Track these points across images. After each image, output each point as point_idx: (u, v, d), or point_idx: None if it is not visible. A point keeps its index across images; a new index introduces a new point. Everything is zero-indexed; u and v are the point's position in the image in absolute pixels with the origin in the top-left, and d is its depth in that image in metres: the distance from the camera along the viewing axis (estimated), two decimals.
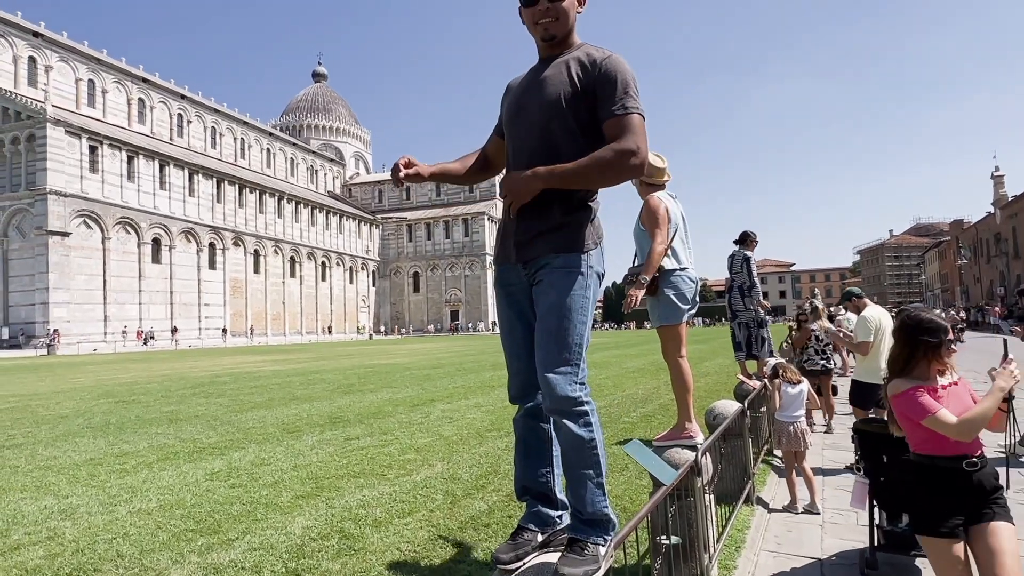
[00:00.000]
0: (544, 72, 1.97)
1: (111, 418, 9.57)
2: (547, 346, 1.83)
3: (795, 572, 3.58)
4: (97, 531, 4.19)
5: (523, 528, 1.90)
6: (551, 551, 1.85)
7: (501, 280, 2.04)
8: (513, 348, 2.00)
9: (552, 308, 1.85)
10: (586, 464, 1.83)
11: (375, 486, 5.20)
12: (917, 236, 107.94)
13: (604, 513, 1.84)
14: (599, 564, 1.70)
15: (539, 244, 1.88)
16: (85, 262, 48.12)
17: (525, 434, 2.01)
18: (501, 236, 2.04)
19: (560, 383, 1.79)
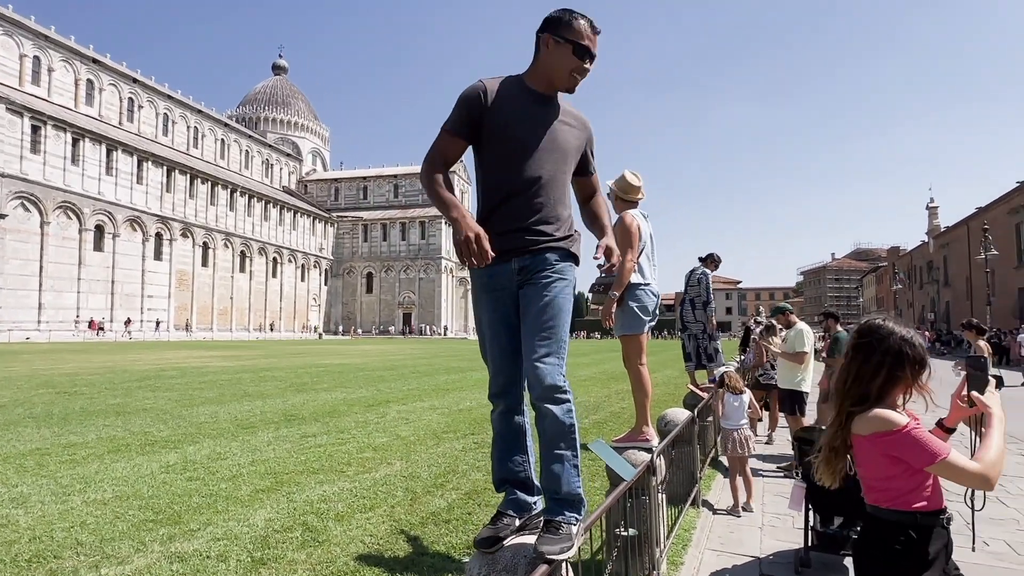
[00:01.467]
0: (554, 114, 2.22)
1: (54, 409, 9.29)
2: (539, 340, 2.04)
3: (736, 569, 3.84)
4: (53, 520, 4.16)
5: (502, 514, 2.06)
6: (528, 534, 2.02)
7: (490, 284, 2.18)
8: (496, 350, 2.18)
9: (546, 307, 2.07)
10: (566, 446, 2.03)
11: (335, 482, 5.27)
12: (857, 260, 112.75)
13: (577, 493, 2.04)
14: (572, 542, 1.89)
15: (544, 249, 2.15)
16: (21, 246, 45.97)
17: (504, 428, 2.19)
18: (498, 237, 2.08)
19: (549, 372, 2.00)
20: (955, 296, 53.56)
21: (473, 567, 1.90)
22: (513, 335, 2.13)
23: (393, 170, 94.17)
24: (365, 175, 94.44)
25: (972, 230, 46.54)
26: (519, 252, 2.12)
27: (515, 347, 2.12)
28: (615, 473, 2.82)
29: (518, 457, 2.16)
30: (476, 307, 2.26)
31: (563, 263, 2.13)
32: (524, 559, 1.84)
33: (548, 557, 1.77)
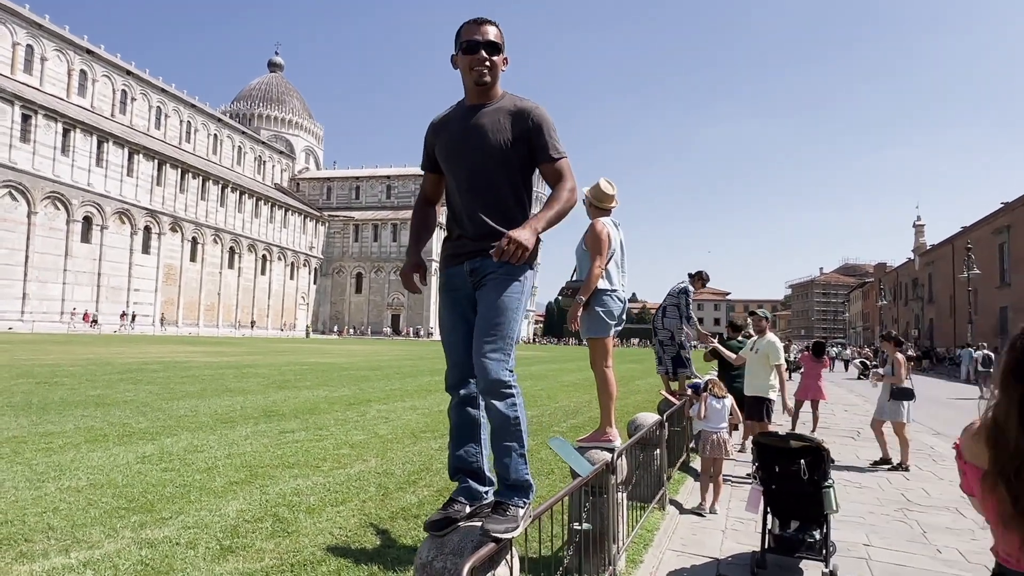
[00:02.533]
0: (478, 119, 2.30)
1: (32, 398, 9.29)
2: (485, 336, 2.15)
3: (694, 568, 3.95)
4: (26, 505, 4.21)
5: (454, 500, 2.16)
6: (477, 520, 2.12)
7: (448, 284, 2.34)
8: (453, 343, 2.30)
9: (492, 306, 2.17)
10: (511, 438, 2.14)
11: (309, 476, 5.34)
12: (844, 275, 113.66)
13: (525, 479, 2.16)
14: (518, 523, 2.01)
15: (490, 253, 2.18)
16: (7, 235, 45.50)
17: (458, 419, 2.29)
18: (450, 243, 2.36)
19: (493, 367, 2.11)
20: (939, 313, 54.18)
21: (423, 551, 1.99)
22: (467, 332, 2.25)
23: (386, 171, 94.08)
24: (358, 175, 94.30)
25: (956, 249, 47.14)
26: (469, 255, 2.24)
27: (469, 345, 2.23)
28: (574, 470, 2.93)
29: (471, 447, 2.27)
30: (439, 304, 2.38)
31: (510, 265, 2.18)
32: (471, 543, 1.94)
33: (494, 535, 1.88)
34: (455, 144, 2.31)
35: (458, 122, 2.34)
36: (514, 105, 2.31)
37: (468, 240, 2.24)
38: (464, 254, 2.26)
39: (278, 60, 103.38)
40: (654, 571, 3.80)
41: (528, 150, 2.29)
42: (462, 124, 2.32)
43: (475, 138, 2.27)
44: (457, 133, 2.32)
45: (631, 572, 3.68)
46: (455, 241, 2.32)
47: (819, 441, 3.91)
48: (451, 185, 2.37)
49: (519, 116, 2.28)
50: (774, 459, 3.87)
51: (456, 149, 2.31)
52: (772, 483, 3.87)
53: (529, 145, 2.28)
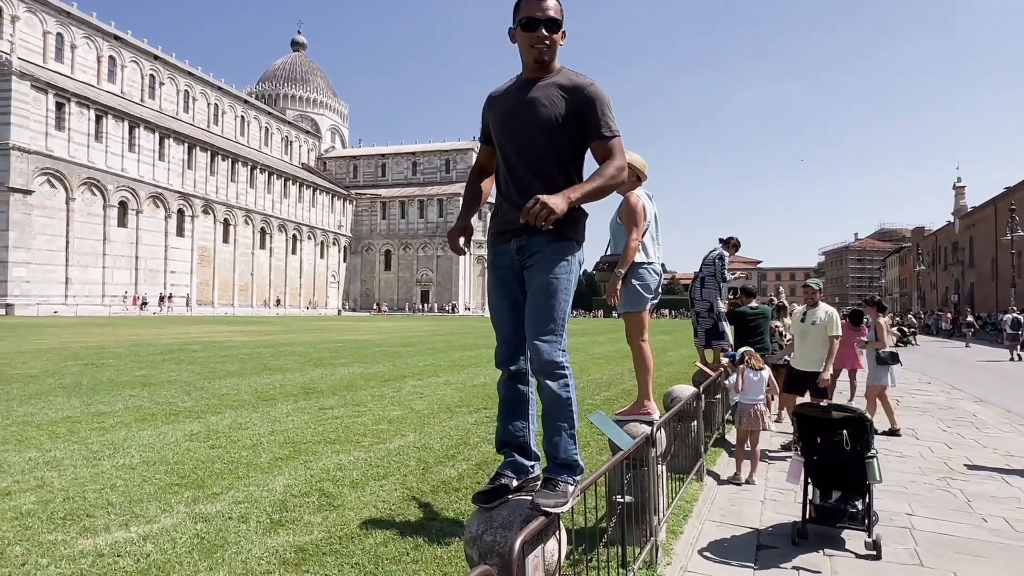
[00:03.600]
0: (532, 93, 2.27)
1: (82, 379, 9.63)
2: (536, 319, 2.17)
3: (734, 539, 3.97)
4: (84, 482, 4.40)
5: (501, 474, 2.21)
6: (524, 494, 2.16)
7: (495, 262, 2.36)
8: (501, 320, 2.33)
9: (543, 288, 2.18)
10: (562, 417, 2.18)
11: (350, 452, 5.47)
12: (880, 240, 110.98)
13: (574, 458, 2.19)
14: (567, 499, 2.05)
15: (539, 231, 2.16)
16: (48, 222, 46.84)
17: (507, 395, 2.32)
18: (497, 222, 2.36)
19: (547, 350, 2.13)
20: (980, 278, 52.65)
21: (472, 524, 2.03)
22: (516, 309, 2.28)
23: (411, 147, 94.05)
24: (383, 152, 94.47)
25: (1000, 210, 45.56)
26: (516, 233, 2.24)
27: (518, 320, 2.26)
28: (615, 444, 2.95)
29: (519, 423, 2.30)
30: (487, 282, 2.41)
31: (560, 243, 2.20)
32: (519, 517, 1.97)
33: (544, 509, 1.92)
34: (506, 117, 2.30)
35: (512, 95, 2.32)
36: (569, 80, 2.26)
37: (514, 217, 2.23)
38: (511, 231, 2.26)
39: (301, 39, 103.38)
40: (694, 541, 3.83)
41: (580, 127, 2.24)
42: (515, 97, 2.30)
43: (526, 112, 2.24)
44: (509, 106, 2.30)
45: (671, 543, 3.71)
46: (502, 218, 2.32)
47: (861, 411, 3.86)
48: (501, 159, 2.36)
49: (573, 91, 2.23)
50: (816, 430, 3.84)
51: (507, 122, 2.30)
52: (813, 454, 3.85)
53: (581, 122, 2.23)
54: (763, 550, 3.81)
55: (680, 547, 3.70)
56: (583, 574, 2.82)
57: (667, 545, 3.63)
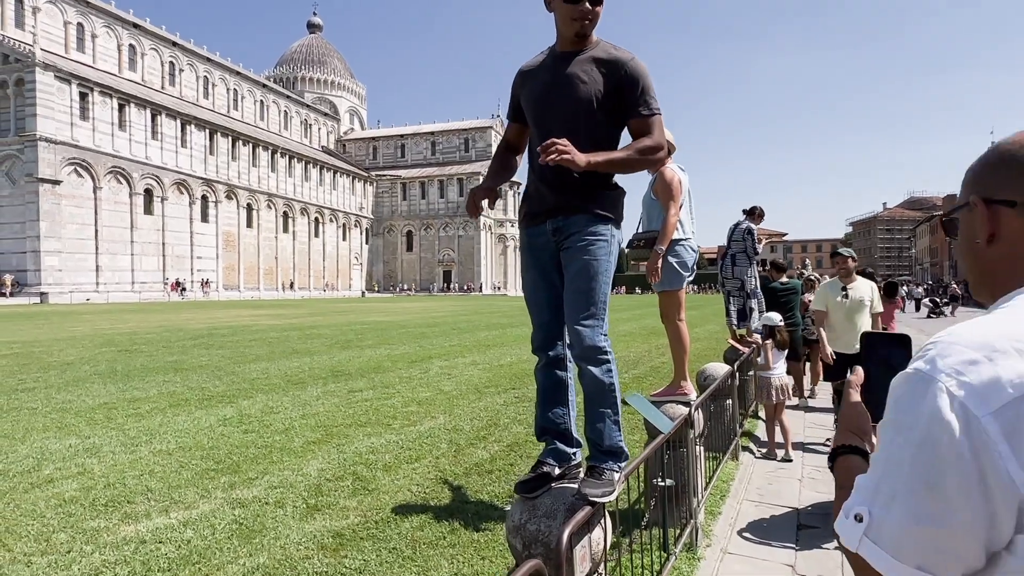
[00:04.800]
0: (569, 68, 2.16)
1: (117, 366, 9.81)
2: (577, 303, 2.10)
3: (773, 519, 3.90)
4: (124, 468, 4.47)
5: (542, 462, 2.16)
6: (567, 482, 2.12)
7: (530, 244, 2.27)
8: (538, 304, 2.25)
9: (582, 270, 2.10)
10: (606, 404, 2.12)
11: (381, 435, 5.48)
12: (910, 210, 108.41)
13: (619, 445, 2.14)
14: (614, 487, 2.01)
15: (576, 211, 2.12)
16: (76, 211, 47.70)
17: (545, 381, 2.27)
18: (530, 203, 2.27)
19: (588, 334, 2.06)
20: None
21: (515, 513, 1.99)
22: (553, 293, 2.20)
23: (430, 127, 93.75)
24: (402, 133, 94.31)
25: None
26: (552, 214, 2.16)
27: (556, 304, 2.19)
28: (653, 426, 2.89)
29: (559, 409, 2.24)
30: (521, 264, 2.33)
31: (598, 223, 2.12)
32: (563, 505, 1.93)
33: (591, 499, 1.87)
34: (541, 93, 2.19)
35: (547, 70, 2.21)
36: (608, 54, 2.14)
37: (550, 197, 2.15)
38: (546, 212, 2.18)
39: (317, 20, 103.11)
40: (733, 522, 3.77)
41: (619, 104, 2.13)
42: (551, 72, 2.19)
43: (563, 88, 2.14)
44: (544, 82, 2.19)
45: (710, 524, 3.66)
46: (537, 199, 2.23)
47: None
48: (535, 138, 2.25)
49: (613, 66, 2.12)
50: None
51: (542, 99, 2.19)
52: None
53: (621, 98, 2.12)
54: (804, 530, 3.74)
55: (719, 528, 3.64)
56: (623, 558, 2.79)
57: (706, 526, 3.57)
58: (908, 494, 0.67)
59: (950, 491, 0.64)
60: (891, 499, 0.68)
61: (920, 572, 0.65)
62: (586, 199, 2.12)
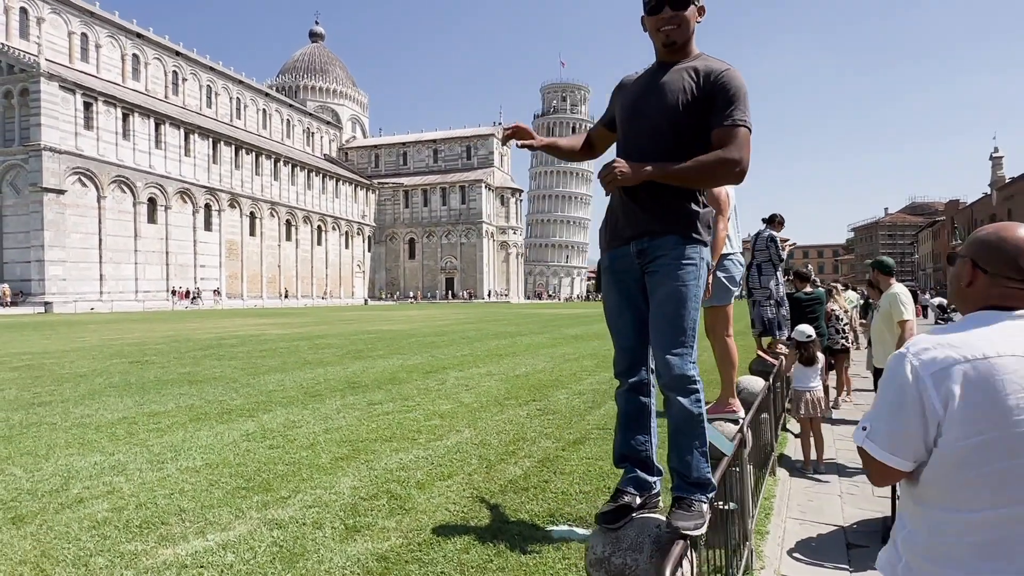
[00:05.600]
0: (663, 78, 2.10)
1: (130, 378, 9.74)
2: (666, 330, 2.02)
3: (821, 538, 3.82)
4: (153, 487, 4.39)
5: (622, 491, 2.09)
6: (647, 512, 2.05)
7: (612, 267, 2.19)
8: (621, 330, 2.17)
9: (670, 296, 2.03)
10: (694, 435, 2.05)
11: (409, 450, 5.40)
12: (912, 215, 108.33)
13: (707, 477, 2.07)
14: (704, 519, 1.95)
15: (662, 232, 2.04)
16: (80, 220, 47.76)
17: (627, 406, 2.19)
18: (613, 223, 2.20)
19: (678, 363, 1.99)
20: None
21: (596, 545, 1.92)
22: (637, 316, 2.13)
23: (432, 135, 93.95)
24: (404, 141, 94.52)
25: None
26: (637, 236, 2.09)
27: (639, 330, 2.12)
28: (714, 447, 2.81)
29: (641, 436, 2.17)
30: (603, 288, 2.25)
31: (686, 246, 2.05)
32: (649, 538, 1.86)
33: (684, 532, 1.80)
34: (633, 102, 2.14)
35: (642, 81, 2.16)
36: (704, 65, 2.07)
37: (634, 218, 2.07)
38: (630, 236, 2.11)
39: (319, 29, 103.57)
40: (781, 542, 3.70)
41: (707, 113, 2.04)
42: (644, 83, 2.14)
43: (652, 98, 2.08)
44: (637, 90, 2.14)
45: (759, 544, 3.58)
46: (621, 218, 2.15)
47: None
48: (622, 149, 2.18)
49: (705, 77, 2.04)
50: None
51: (633, 108, 2.13)
52: None
53: (709, 107, 2.03)
54: (854, 549, 3.66)
55: (769, 548, 3.56)
56: None
57: (756, 547, 3.49)
58: (888, 414, 1.26)
59: (907, 413, 1.21)
60: (878, 418, 1.28)
61: (891, 455, 1.24)
62: (673, 219, 2.04)
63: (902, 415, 1.21)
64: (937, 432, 1.18)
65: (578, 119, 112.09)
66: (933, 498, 1.22)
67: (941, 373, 1.17)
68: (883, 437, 1.24)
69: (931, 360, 1.19)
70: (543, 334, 19.61)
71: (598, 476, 4.59)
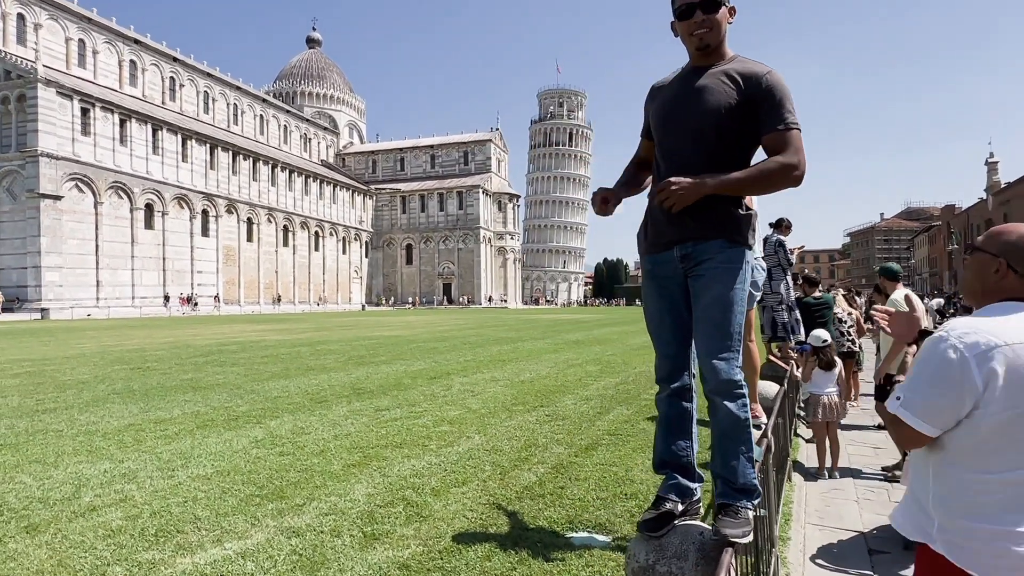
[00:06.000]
0: (699, 82, 2.07)
1: (133, 384, 9.67)
2: (712, 335, 2.00)
3: (842, 544, 3.80)
4: (165, 494, 4.34)
5: (663, 498, 2.06)
6: (689, 519, 2.02)
7: (653, 272, 2.17)
8: (663, 335, 2.15)
9: (716, 301, 2.01)
10: (740, 440, 2.03)
11: (421, 456, 5.36)
12: (908, 220, 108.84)
13: (753, 483, 2.05)
14: (751, 525, 1.94)
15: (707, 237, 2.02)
16: (77, 226, 47.61)
17: (669, 412, 2.17)
18: (654, 228, 2.17)
19: (724, 368, 1.97)
20: None
21: (639, 553, 1.90)
22: (679, 322, 2.11)
23: (429, 140, 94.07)
24: (401, 146, 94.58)
25: None
26: (680, 240, 2.06)
27: (682, 335, 2.10)
28: None
29: (682, 442, 2.15)
30: (643, 292, 2.23)
31: (729, 250, 2.03)
32: (693, 545, 1.83)
33: (732, 539, 1.78)
34: (669, 108, 2.11)
35: (676, 85, 2.13)
36: (743, 67, 2.04)
37: (677, 221, 2.05)
38: (673, 240, 2.08)
39: (316, 35, 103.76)
40: (803, 548, 3.68)
41: (752, 119, 2.01)
42: (680, 87, 2.11)
43: (691, 102, 2.05)
44: (673, 97, 2.11)
45: (782, 550, 3.55)
46: (662, 222, 2.10)
47: None
48: (659, 156, 2.16)
49: (747, 80, 2.01)
50: None
51: (669, 114, 2.10)
52: None
53: (754, 113, 2.00)
54: (876, 555, 3.64)
55: (792, 555, 3.54)
56: None
57: (780, 554, 3.47)
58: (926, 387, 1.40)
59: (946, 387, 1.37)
60: (914, 389, 1.43)
61: (923, 423, 1.39)
62: (717, 224, 2.02)
63: (940, 389, 1.37)
64: (973, 406, 1.33)
65: (575, 124, 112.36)
66: (968, 462, 1.37)
67: (984, 355, 1.33)
68: (918, 407, 1.40)
69: (974, 343, 1.34)
70: (544, 339, 19.58)
71: (614, 482, 4.56)
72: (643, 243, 2.20)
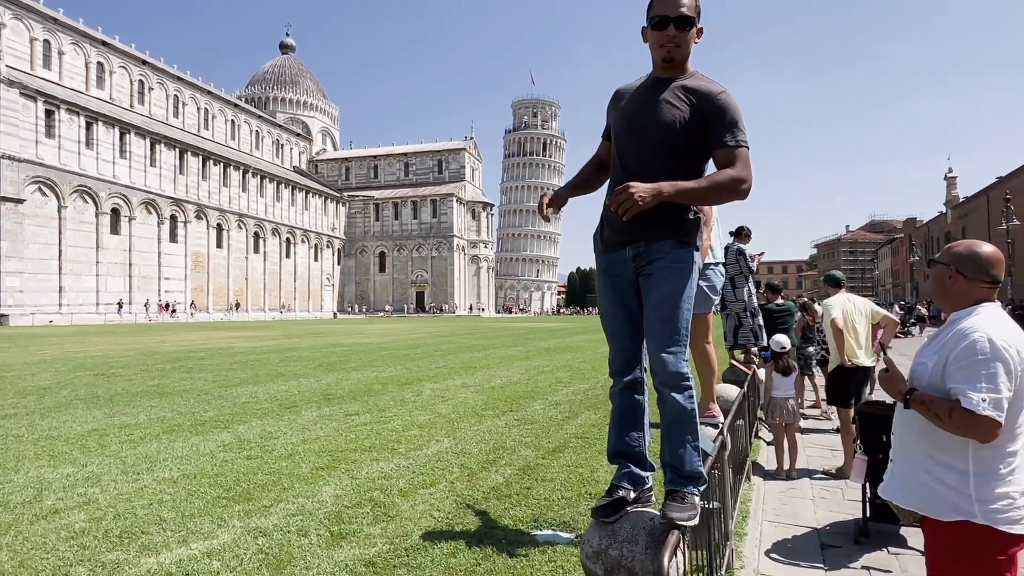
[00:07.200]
0: (657, 93, 2.20)
1: (97, 390, 9.51)
2: (661, 331, 2.11)
3: (796, 539, 3.94)
4: (130, 497, 4.32)
5: (616, 486, 2.16)
6: (641, 506, 2.12)
7: (608, 271, 2.28)
8: (616, 331, 2.26)
9: (665, 298, 2.12)
10: (687, 430, 2.13)
11: (389, 459, 5.40)
12: (872, 232, 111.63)
13: (699, 470, 2.16)
14: (697, 510, 2.04)
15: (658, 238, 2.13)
16: (40, 231, 46.39)
17: (623, 404, 2.27)
18: (608, 229, 2.28)
19: (672, 362, 2.08)
20: None
21: (593, 538, 1.99)
22: (631, 318, 2.22)
23: (403, 148, 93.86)
24: (375, 154, 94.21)
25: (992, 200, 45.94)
26: (632, 240, 2.17)
27: (634, 330, 2.20)
28: None
29: (635, 433, 2.25)
30: (598, 290, 2.33)
31: (679, 250, 2.14)
32: (643, 530, 1.93)
33: (679, 523, 1.88)
34: (631, 117, 2.22)
35: (639, 95, 2.25)
36: (700, 85, 2.17)
37: (631, 224, 2.15)
38: (626, 240, 2.20)
39: (289, 41, 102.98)
40: (758, 543, 3.81)
41: (703, 134, 2.14)
42: (642, 97, 2.23)
43: (649, 112, 2.17)
44: (635, 106, 2.23)
45: (738, 545, 3.68)
46: (616, 224, 2.21)
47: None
48: (616, 160, 2.28)
49: (703, 97, 2.14)
50: (881, 429, 3.82)
51: (631, 122, 2.22)
52: (879, 452, 3.82)
53: (706, 128, 2.13)
54: (827, 549, 3.79)
55: (747, 549, 3.67)
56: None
57: (736, 547, 3.59)
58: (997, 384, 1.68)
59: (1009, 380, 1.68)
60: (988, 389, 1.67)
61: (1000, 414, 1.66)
62: (668, 226, 2.14)
63: (1007, 383, 1.68)
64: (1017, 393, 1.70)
65: (549, 135, 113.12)
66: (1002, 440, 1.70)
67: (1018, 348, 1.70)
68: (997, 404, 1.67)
69: (1010, 339, 1.71)
70: (516, 347, 19.66)
71: (579, 483, 4.66)
72: (599, 243, 2.32)
